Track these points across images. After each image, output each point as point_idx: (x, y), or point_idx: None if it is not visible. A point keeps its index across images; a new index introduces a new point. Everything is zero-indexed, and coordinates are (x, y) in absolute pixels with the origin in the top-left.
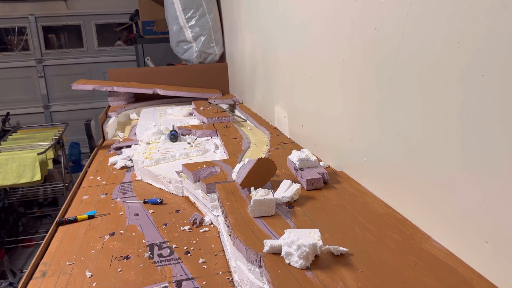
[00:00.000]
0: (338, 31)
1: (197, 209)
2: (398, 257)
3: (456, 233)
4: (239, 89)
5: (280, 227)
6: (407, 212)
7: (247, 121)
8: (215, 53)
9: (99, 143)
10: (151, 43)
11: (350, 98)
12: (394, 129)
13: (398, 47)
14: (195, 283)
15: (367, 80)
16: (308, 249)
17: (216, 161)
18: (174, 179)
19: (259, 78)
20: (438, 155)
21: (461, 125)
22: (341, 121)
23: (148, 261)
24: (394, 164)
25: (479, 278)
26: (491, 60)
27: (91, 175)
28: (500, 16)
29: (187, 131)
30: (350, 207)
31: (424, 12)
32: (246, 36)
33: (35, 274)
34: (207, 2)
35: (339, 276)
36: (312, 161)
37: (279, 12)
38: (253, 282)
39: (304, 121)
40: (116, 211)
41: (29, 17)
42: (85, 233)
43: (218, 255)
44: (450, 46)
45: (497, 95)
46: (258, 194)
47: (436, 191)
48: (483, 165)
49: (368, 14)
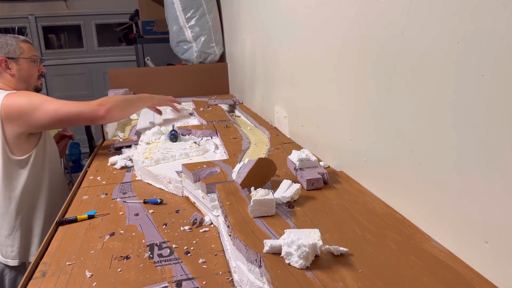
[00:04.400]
0: (338, 31)
1: (197, 209)
2: (398, 257)
3: (456, 233)
4: (239, 89)
5: (280, 227)
6: (407, 212)
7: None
8: (215, 53)
9: (99, 143)
10: (151, 43)
11: (350, 98)
12: (394, 129)
13: (398, 47)
14: (195, 283)
15: (367, 80)
16: (308, 249)
17: (216, 161)
18: (174, 179)
19: (259, 78)
20: (438, 155)
21: (462, 125)
22: (341, 121)
23: (148, 261)
24: (394, 164)
25: (479, 278)
26: (491, 60)
27: (91, 175)
28: (500, 16)
29: (187, 131)
30: (350, 207)
31: (424, 12)
32: (246, 36)
33: (35, 274)
34: (207, 2)
35: (339, 276)
36: (312, 161)
37: (279, 12)
38: (253, 282)
39: (304, 121)
40: (116, 211)
41: (29, 17)
42: (85, 233)
43: (218, 255)
44: (450, 46)
45: (497, 95)
46: (258, 194)
47: (436, 191)
48: (484, 165)
49: (368, 14)
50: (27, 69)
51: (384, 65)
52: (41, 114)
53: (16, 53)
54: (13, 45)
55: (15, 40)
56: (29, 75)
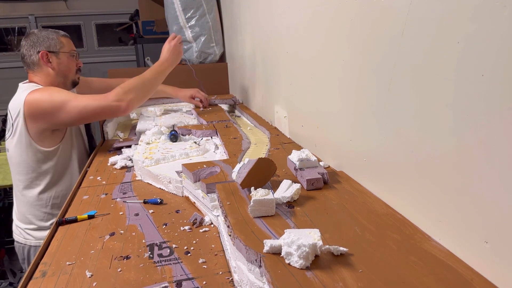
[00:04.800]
0: (337, 31)
1: (197, 209)
2: (398, 257)
3: (456, 233)
4: (239, 89)
5: (280, 227)
6: (407, 212)
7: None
8: (215, 53)
9: (99, 143)
10: (151, 43)
11: (350, 98)
12: (394, 129)
13: (398, 47)
14: (195, 283)
15: (367, 80)
16: (308, 249)
17: (216, 161)
18: (174, 179)
19: (259, 78)
20: (438, 155)
21: (462, 124)
22: (341, 121)
23: (148, 261)
24: (394, 164)
25: (479, 278)
26: (491, 60)
27: (91, 175)
28: (500, 16)
29: (187, 131)
30: (350, 207)
31: (424, 12)
32: (246, 36)
33: (35, 274)
34: (207, 2)
35: (339, 276)
36: (312, 161)
37: (279, 12)
38: (253, 282)
39: (304, 121)
40: (116, 211)
41: (29, 17)
42: (85, 233)
43: (218, 255)
44: (450, 46)
45: (497, 95)
46: (258, 194)
47: (436, 191)
48: (484, 165)
49: (367, 14)
50: (66, 63)
51: (384, 65)
52: (64, 114)
53: (57, 47)
54: (54, 39)
55: (55, 34)
56: (68, 69)
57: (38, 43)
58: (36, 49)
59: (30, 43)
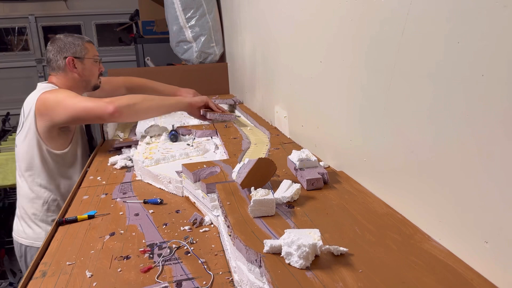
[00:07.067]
0: (337, 31)
1: (197, 209)
2: (398, 257)
3: (456, 233)
4: (239, 89)
5: (280, 227)
6: (407, 212)
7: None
8: (215, 53)
9: (99, 143)
10: (151, 43)
11: (350, 98)
12: (394, 129)
13: (398, 46)
14: (195, 283)
15: (367, 79)
16: (308, 249)
17: (216, 161)
18: (174, 179)
19: (259, 78)
20: (438, 155)
21: (462, 124)
22: (341, 121)
23: (148, 261)
24: (394, 164)
25: (479, 278)
26: (491, 60)
27: (91, 175)
28: (500, 16)
29: (187, 131)
30: (350, 207)
31: (424, 12)
32: (246, 36)
33: (35, 274)
34: (207, 2)
35: (339, 276)
36: (312, 161)
37: (279, 12)
38: (253, 282)
39: (304, 121)
40: (116, 211)
41: (29, 17)
42: (85, 233)
43: (218, 255)
44: (450, 46)
45: (497, 95)
46: (258, 194)
47: (436, 191)
48: (484, 164)
49: (367, 14)
50: (90, 68)
51: (384, 65)
52: (61, 110)
53: (82, 53)
54: (79, 45)
55: (81, 40)
56: (92, 74)
57: (65, 49)
58: (63, 55)
59: (57, 49)
